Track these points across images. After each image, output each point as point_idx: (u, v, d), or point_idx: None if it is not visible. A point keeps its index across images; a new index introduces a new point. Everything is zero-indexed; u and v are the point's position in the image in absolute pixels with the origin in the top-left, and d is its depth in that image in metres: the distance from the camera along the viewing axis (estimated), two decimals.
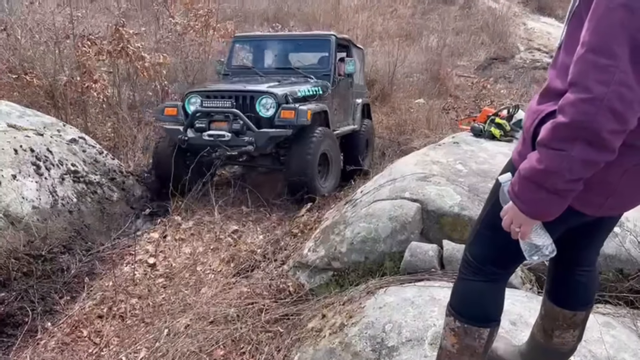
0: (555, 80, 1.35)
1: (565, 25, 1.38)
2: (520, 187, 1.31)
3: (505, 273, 1.64)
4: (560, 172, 1.23)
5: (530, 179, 1.28)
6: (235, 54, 6.22)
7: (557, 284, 1.76)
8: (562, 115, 1.20)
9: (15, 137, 4.16)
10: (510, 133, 4.40)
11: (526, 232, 1.37)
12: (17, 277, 3.37)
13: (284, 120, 4.74)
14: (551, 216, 1.33)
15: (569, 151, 1.20)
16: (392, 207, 3.17)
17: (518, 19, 17.26)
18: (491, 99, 9.39)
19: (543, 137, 1.25)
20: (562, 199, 1.28)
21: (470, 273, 1.63)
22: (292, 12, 14.22)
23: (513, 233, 1.39)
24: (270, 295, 3.30)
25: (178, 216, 4.75)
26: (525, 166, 1.30)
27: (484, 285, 1.61)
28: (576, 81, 1.19)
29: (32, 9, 7.09)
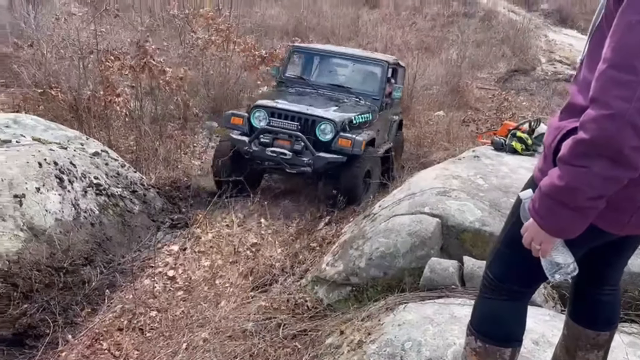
0: (577, 95, 1.34)
1: (587, 40, 1.37)
2: (541, 204, 1.29)
3: (527, 292, 1.61)
4: (582, 189, 1.21)
5: (551, 195, 1.26)
6: (291, 63, 6.48)
7: (580, 303, 1.72)
8: (584, 132, 1.19)
9: (40, 150, 4.23)
10: (532, 147, 4.35)
11: (547, 249, 1.34)
12: (39, 288, 3.41)
13: (341, 147, 5.12)
14: (572, 234, 1.30)
15: (591, 168, 1.18)
16: (412, 222, 3.15)
17: (539, 31, 17.14)
18: (512, 112, 9.30)
19: (564, 153, 1.23)
20: (584, 217, 1.26)
21: (491, 291, 1.60)
22: (311, 26, 14.33)
23: (534, 251, 1.37)
24: (288, 310, 3.29)
25: (198, 229, 4.78)
26: (546, 183, 1.28)
27: (505, 304, 1.58)
28: (597, 97, 1.17)
29: (58, 25, 7.28)
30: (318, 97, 5.90)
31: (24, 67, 6.35)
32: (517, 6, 19.38)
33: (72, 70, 6.18)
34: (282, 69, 6.45)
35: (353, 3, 17.22)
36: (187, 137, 7.06)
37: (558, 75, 14.71)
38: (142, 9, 10.34)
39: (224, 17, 9.03)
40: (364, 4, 17.76)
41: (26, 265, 3.46)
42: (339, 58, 6.52)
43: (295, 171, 5.27)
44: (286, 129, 5.25)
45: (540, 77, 14.46)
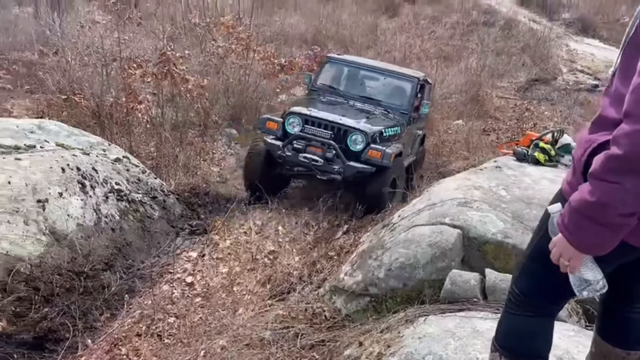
0: (609, 108, 1.31)
1: (620, 52, 1.34)
2: (570, 220, 1.26)
3: (553, 308, 1.58)
4: (613, 205, 1.18)
5: (581, 211, 1.23)
6: (324, 72, 6.64)
7: (610, 320, 1.68)
8: (616, 147, 1.16)
9: (63, 156, 4.30)
10: (555, 158, 4.28)
11: (576, 265, 1.31)
12: (60, 293, 3.44)
13: (371, 158, 5.26)
14: (603, 251, 1.27)
15: (623, 184, 1.15)
16: (432, 233, 3.11)
17: (560, 40, 16.95)
18: (534, 122, 9.18)
19: (595, 168, 1.21)
20: (615, 233, 1.22)
21: (516, 307, 1.57)
22: (330, 35, 14.37)
23: (562, 266, 1.34)
24: (306, 319, 3.27)
25: (216, 235, 4.80)
26: (576, 198, 1.25)
27: (531, 320, 1.55)
28: (632, 112, 1.15)
29: (83, 32, 7.41)
30: (349, 107, 6.04)
31: (49, 74, 6.47)
32: (538, 15, 19.23)
33: (96, 77, 6.28)
34: (314, 77, 6.61)
35: (372, 12, 17.25)
36: (207, 144, 7.11)
37: (580, 85, 14.52)
38: (164, 18, 10.47)
39: (244, 25, 9.11)
40: (382, 12, 17.77)
41: (48, 269, 3.49)
42: (371, 71, 6.69)
43: (326, 178, 5.44)
44: (319, 136, 5.42)
45: (562, 87, 14.28)
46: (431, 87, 7.60)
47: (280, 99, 9.04)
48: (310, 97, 6.41)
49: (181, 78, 6.26)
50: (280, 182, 5.92)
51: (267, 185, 5.57)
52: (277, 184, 5.83)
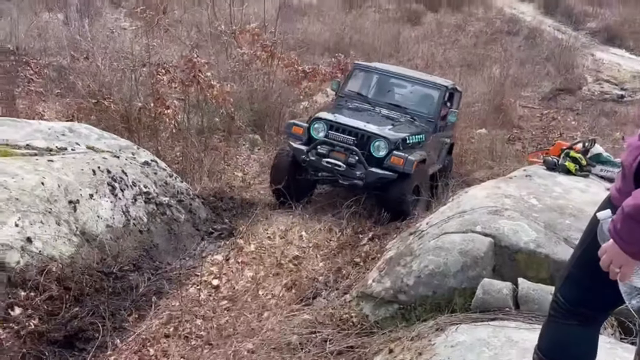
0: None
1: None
2: (623, 226, 1.24)
3: (599, 317, 1.55)
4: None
5: (635, 217, 1.21)
6: (352, 79, 6.67)
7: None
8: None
9: (94, 158, 4.37)
10: (586, 168, 4.21)
11: (627, 273, 1.28)
12: (90, 292, 3.49)
13: (393, 165, 5.30)
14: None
15: None
16: (463, 241, 3.08)
17: (586, 50, 16.73)
18: (560, 131, 9.06)
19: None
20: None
21: (561, 315, 1.54)
22: (353, 43, 14.42)
23: (612, 274, 1.31)
24: (333, 325, 3.26)
25: (240, 239, 4.82)
26: (630, 203, 1.23)
27: (576, 329, 1.52)
28: None
29: (112, 37, 7.55)
30: (375, 114, 6.08)
31: (79, 78, 6.60)
32: (563, 24, 19.02)
33: (125, 82, 6.38)
34: (342, 84, 6.66)
35: (394, 20, 17.27)
36: (231, 149, 7.17)
37: (605, 95, 14.30)
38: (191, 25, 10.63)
39: (269, 33, 9.18)
40: (405, 21, 17.77)
41: (78, 269, 3.54)
42: (398, 78, 6.70)
43: (347, 183, 5.50)
44: (343, 142, 5.47)
45: (587, 97, 14.08)
46: (460, 95, 7.57)
47: (302, 105, 9.07)
48: (337, 103, 6.48)
49: (207, 84, 6.32)
50: (305, 187, 5.96)
51: (293, 189, 5.62)
52: (303, 188, 5.88)
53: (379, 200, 5.56)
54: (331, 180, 5.72)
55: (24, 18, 9.51)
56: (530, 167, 4.60)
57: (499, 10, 19.54)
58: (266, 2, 11.31)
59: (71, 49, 7.70)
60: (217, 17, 9.65)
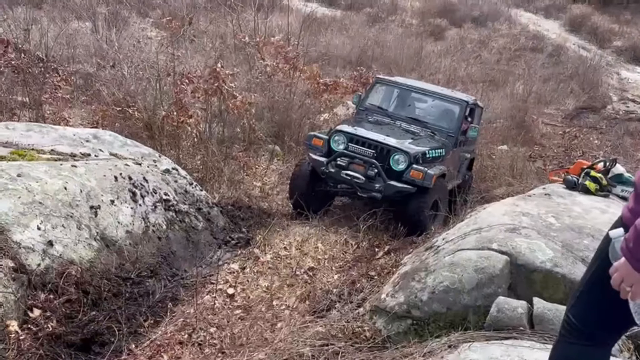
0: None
1: None
2: (636, 244, 1.24)
3: (610, 338, 1.53)
4: None
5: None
6: (373, 93, 6.74)
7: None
8: None
9: (117, 165, 4.46)
10: (606, 188, 4.16)
11: (638, 292, 1.28)
12: (107, 297, 3.54)
13: (412, 178, 5.30)
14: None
15: None
16: (479, 258, 3.06)
17: (611, 69, 16.54)
18: (582, 150, 8.95)
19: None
20: None
21: (572, 336, 1.53)
22: (375, 57, 14.47)
23: (623, 292, 1.30)
24: (346, 337, 3.26)
25: (257, 249, 4.85)
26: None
27: (587, 350, 1.50)
28: None
29: (138, 47, 7.72)
30: (395, 128, 6.11)
31: (105, 86, 6.75)
32: (588, 42, 18.84)
33: (149, 90, 6.51)
34: (363, 97, 6.69)
35: (417, 35, 17.30)
36: (250, 159, 7.24)
37: (630, 114, 14.08)
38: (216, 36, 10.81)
39: (292, 45, 9.28)
40: (428, 35, 17.79)
41: (97, 273, 3.60)
42: (419, 93, 6.72)
43: (366, 195, 5.52)
44: (362, 155, 5.51)
45: (611, 116, 13.88)
46: (482, 110, 7.55)
47: (323, 118, 9.12)
48: (358, 116, 6.52)
49: (230, 94, 6.41)
50: (323, 199, 5.99)
51: (311, 201, 5.67)
52: (321, 200, 5.92)
53: (397, 214, 5.54)
54: (350, 192, 5.74)
55: (54, 26, 9.78)
56: (549, 186, 4.55)
57: (524, 27, 19.44)
58: (290, 15, 11.46)
59: (98, 57, 7.90)
60: (241, 29, 9.79)
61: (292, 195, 5.90)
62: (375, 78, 7.19)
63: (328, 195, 6.02)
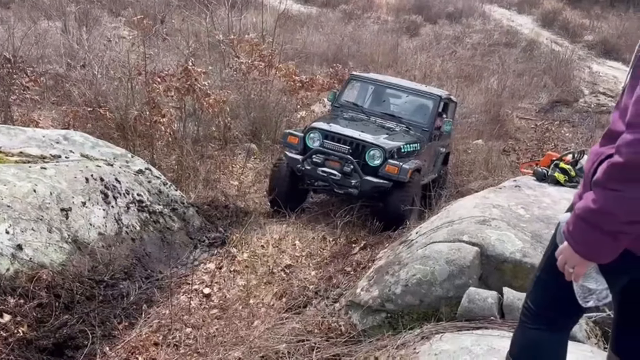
0: (618, 122, 1.33)
1: (630, 69, 1.37)
2: (574, 227, 1.29)
3: (567, 322, 1.57)
4: (614, 213, 1.20)
5: (585, 218, 1.26)
6: (348, 90, 6.79)
7: (623, 337, 1.67)
8: (618, 155, 1.19)
9: (88, 166, 4.39)
10: (575, 179, 4.25)
11: (579, 273, 1.33)
12: (80, 300, 3.49)
13: (388, 173, 5.35)
14: (604, 259, 1.29)
15: (624, 192, 1.18)
16: (450, 250, 3.10)
17: (583, 63, 16.85)
18: (555, 143, 9.12)
19: (598, 177, 1.24)
20: (616, 242, 1.24)
21: (530, 321, 1.58)
22: (351, 53, 14.51)
23: (567, 274, 1.35)
24: (322, 333, 3.27)
25: (234, 248, 4.83)
26: (581, 206, 1.28)
27: (545, 334, 1.55)
28: (632, 122, 1.18)
29: (110, 46, 7.61)
30: (370, 124, 6.16)
31: (75, 86, 6.65)
32: (561, 37, 19.17)
33: (120, 90, 6.43)
34: (338, 94, 6.75)
35: (393, 31, 17.39)
36: (227, 158, 7.20)
37: (602, 107, 14.37)
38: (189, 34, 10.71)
39: (267, 43, 9.26)
40: (403, 32, 17.90)
41: (69, 276, 3.55)
42: (393, 89, 6.77)
43: (343, 192, 5.55)
44: (337, 151, 5.53)
45: (583, 109, 14.16)
46: (456, 105, 7.63)
47: (299, 115, 9.12)
48: (333, 113, 6.56)
49: (203, 93, 6.37)
50: (301, 197, 6.06)
51: (290, 199, 5.70)
52: (299, 198, 5.98)
53: (377, 211, 5.58)
54: (327, 189, 5.76)
55: (22, 26, 9.56)
56: (520, 178, 4.63)
57: (497, 23, 19.69)
58: (265, 13, 11.42)
59: (68, 57, 7.76)
60: (215, 26, 9.72)
61: (270, 194, 5.89)
62: (350, 75, 7.21)
63: (305, 192, 6.06)
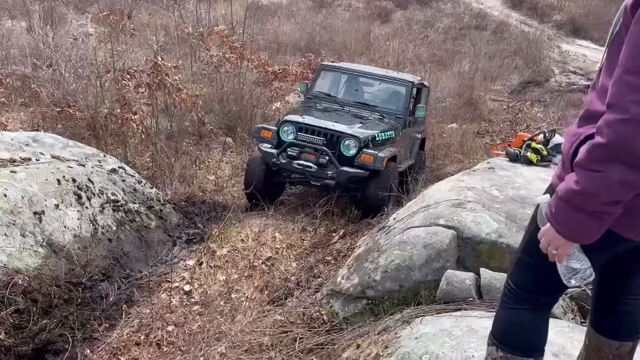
0: (596, 102, 1.34)
1: (606, 48, 1.38)
2: (557, 209, 1.30)
3: (549, 301, 1.60)
4: (598, 193, 1.21)
5: (567, 200, 1.27)
6: (319, 80, 6.72)
7: (602, 312, 1.70)
8: (600, 136, 1.20)
9: (59, 167, 4.31)
10: (547, 158, 4.32)
11: (563, 254, 1.34)
12: (58, 304, 3.44)
13: (364, 162, 5.36)
14: (588, 239, 1.30)
15: (606, 172, 1.19)
16: (427, 235, 3.14)
17: (552, 42, 17.09)
18: (527, 123, 9.26)
19: (580, 158, 1.24)
20: (600, 222, 1.25)
21: (512, 301, 1.59)
22: (324, 42, 14.45)
23: (550, 255, 1.37)
24: (304, 323, 3.29)
25: (213, 243, 4.81)
26: (563, 187, 1.28)
27: (527, 314, 1.57)
28: (614, 102, 1.19)
29: (76, 44, 7.44)
30: (344, 113, 6.14)
31: (43, 87, 6.49)
32: (529, 18, 19.38)
33: (90, 88, 6.30)
34: (310, 85, 6.69)
35: (364, 18, 17.36)
36: (202, 153, 7.14)
37: (572, 86, 14.63)
38: (157, 28, 10.52)
39: (237, 34, 9.15)
40: (375, 18, 17.89)
41: (45, 281, 3.50)
42: (365, 77, 6.77)
43: (320, 184, 5.54)
44: (312, 143, 5.51)
45: (554, 88, 14.40)
46: (429, 90, 7.67)
47: (275, 106, 9.07)
48: (306, 105, 6.49)
49: (175, 88, 6.28)
50: (278, 190, 6.05)
51: (266, 192, 5.63)
52: (276, 191, 5.97)
53: (356, 200, 5.59)
54: (303, 181, 5.75)
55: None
56: (493, 160, 4.69)
57: (467, 6, 19.80)
58: (234, 3, 11.27)
59: (34, 57, 7.56)
60: (184, 20, 9.57)
61: (247, 188, 5.84)
62: (320, 65, 7.20)
63: (282, 185, 6.06)
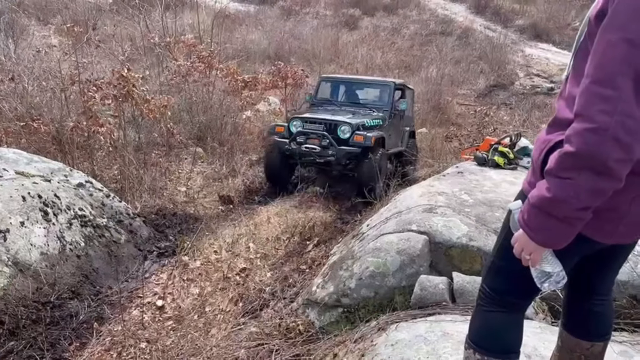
0: (564, 110, 1.37)
1: (572, 57, 1.42)
2: (529, 215, 1.33)
3: (523, 303, 1.62)
4: (568, 200, 1.24)
5: (539, 207, 1.29)
6: (320, 89, 8.36)
7: (573, 313, 1.74)
8: (569, 145, 1.22)
9: (24, 184, 4.19)
10: (514, 161, 4.41)
11: (536, 259, 1.37)
12: (25, 325, 3.35)
13: (356, 142, 6.72)
14: (560, 244, 1.33)
15: (576, 180, 1.22)
16: (400, 241, 3.16)
17: (516, 46, 17.52)
18: (494, 126, 9.44)
19: (551, 166, 1.27)
20: (571, 227, 1.29)
21: (488, 304, 1.61)
22: (293, 50, 14.48)
23: (524, 260, 1.39)
24: (280, 335, 3.26)
25: (185, 256, 4.73)
26: (534, 194, 1.31)
27: (502, 316, 1.59)
28: (581, 112, 1.22)
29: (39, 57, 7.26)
30: (340, 110, 7.72)
31: (5, 101, 6.29)
32: (493, 23, 19.83)
33: (54, 102, 6.15)
34: (313, 94, 8.36)
35: (332, 26, 17.48)
36: (172, 164, 7.04)
37: (536, 88, 15.02)
38: (123, 39, 10.36)
39: (205, 43, 9.08)
40: (343, 26, 18.03)
41: (12, 301, 3.39)
42: (357, 83, 8.51)
43: (323, 160, 6.88)
44: (316, 130, 6.96)
45: (519, 91, 14.74)
46: (413, 92, 9.28)
47: (245, 115, 9.03)
48: (311, 109, 8.04)
49: (142, 99, 6.17)
50: (291, 170, 7.54)
51: (282, 173, 7.21)
52: (289, 172, 7.48)
53: (352, 181, 6.91)
54: (311, 161, 7.08)
55: None
56: (462, 164, 4.76)
57: (433, 12, 20.15)
58: (201, 13, 11.20)
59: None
60: (150, 29, 9.44)
61: (267, 172, 7.32)
62: (320, 77, 8.88)
63: (293, 167, 7.49)
